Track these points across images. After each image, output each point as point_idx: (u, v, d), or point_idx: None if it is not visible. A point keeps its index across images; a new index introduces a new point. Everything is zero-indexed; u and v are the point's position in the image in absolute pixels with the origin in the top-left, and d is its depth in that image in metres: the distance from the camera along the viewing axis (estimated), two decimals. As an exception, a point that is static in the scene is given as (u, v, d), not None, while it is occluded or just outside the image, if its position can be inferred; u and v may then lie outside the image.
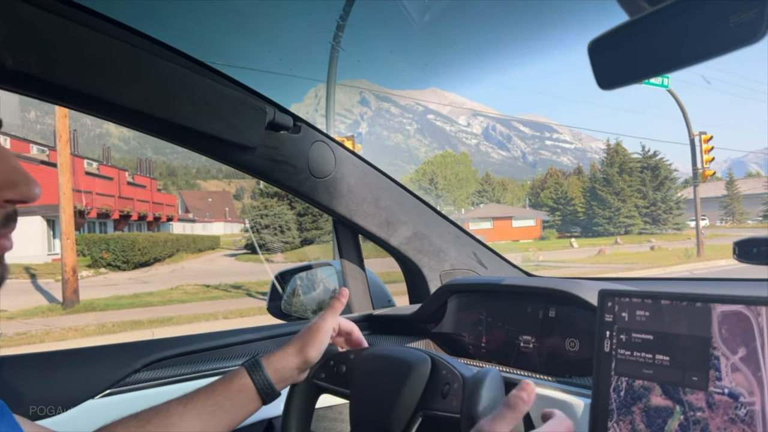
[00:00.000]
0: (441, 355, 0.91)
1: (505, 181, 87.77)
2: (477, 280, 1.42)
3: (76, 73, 1.02)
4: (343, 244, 1.60)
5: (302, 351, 0.98)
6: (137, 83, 1.08)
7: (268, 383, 0.94)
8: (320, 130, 1.41)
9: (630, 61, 0.70)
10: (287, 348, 0.98)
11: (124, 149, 74.32)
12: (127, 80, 1.08)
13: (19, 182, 0.57)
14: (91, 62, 1.03)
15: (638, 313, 0.82)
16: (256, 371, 0.94)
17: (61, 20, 0.99)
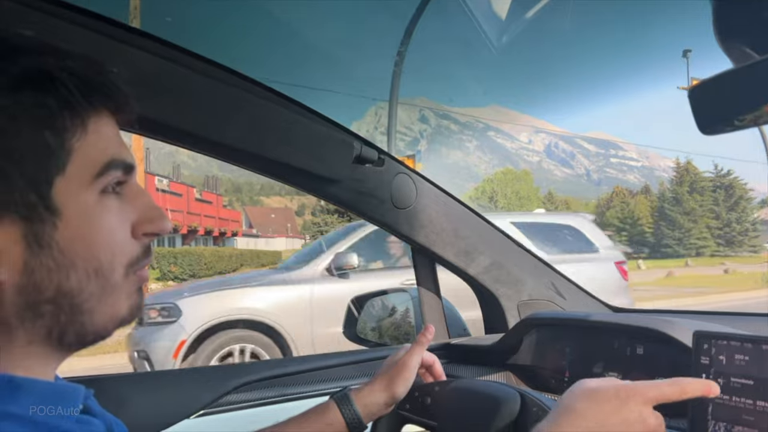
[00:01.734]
0: (531, 392, 0.92)
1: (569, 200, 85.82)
2: (561, 315, 1.41)
3: (178, 112, 1.10)
4: (420, 273, 1.63)
5: (389, 387, 1.01)
6: (234, 121, 1.16)
7: (357, 418, 0.98)
8: (402, 163, 1.45)
9: (733, 109, 0.70)
10: (374, 384, 1.02)
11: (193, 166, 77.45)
12: (226, 118, 1.15)
13: (156, 217, 0.62)
14: (193, 102, 1.11)
15: (737, 357, 0.80)
16: (346, 405, 0.99)
17: (166, 63, 1.08)
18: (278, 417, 1.26)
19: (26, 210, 0.53)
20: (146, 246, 0.63)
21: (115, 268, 0.58)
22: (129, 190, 0.62)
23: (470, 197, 74.60)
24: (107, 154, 0.58)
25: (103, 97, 0.58)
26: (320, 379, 1.36)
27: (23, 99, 0.53)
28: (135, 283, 0.62)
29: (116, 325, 0.61)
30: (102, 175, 0.57)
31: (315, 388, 1.34)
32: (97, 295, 0.57)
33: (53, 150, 0.54)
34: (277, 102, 1.23)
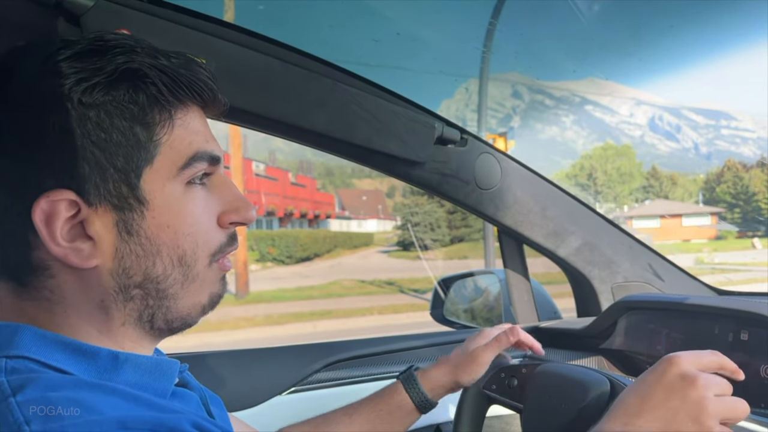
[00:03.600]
0: (620, 378, 0.88)
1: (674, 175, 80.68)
2: (657, 298, 1.34)
3: (267, 102, 1.14)
4: (507, 254, 1.60)
5: (455, 373, 1.03)
6: (321, 108, 1.18)
7: (424, 397, 1.01)
8: (486, 142, 1.42)
9: None
10: (441, 366, 1.04)
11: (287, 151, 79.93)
12: (313, 106, 1.18)
13: (241, 207, 0.65)
14: (281, 92, 1.14)
15: None
16: (411, 386, 1.01)
17: (256, 55, 1.11)
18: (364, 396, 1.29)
19: (118, 199, 0.57)
20: (231, 234, 0.66)
21: (199, 257, 0.62)
22: (216, 180, 0.65)
23: (567, 174, 71.98)
24: (193, 147, 0.60)
25: (191, 93, 0.61)
26: (406, 359, 1.38)
27: (118, 96, 0.56)
28: (217, 273, 0.65)
29: (199, 312, 0.64)
30: (187, 167, 0.60)
31: (400, 368, 1.35)
32: (180, 281, 0.61)
33: (143, 144, 0.57)
34: (360, 87, 1.24)
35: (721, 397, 0.68)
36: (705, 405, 0.66)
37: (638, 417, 0.67)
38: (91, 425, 0.47)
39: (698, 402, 0.66)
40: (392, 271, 20.57)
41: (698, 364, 0.70)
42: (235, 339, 9.97)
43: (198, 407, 0.67)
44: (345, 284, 18.04)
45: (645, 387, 0.70)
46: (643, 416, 0.67)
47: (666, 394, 0.68)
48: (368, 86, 1.25)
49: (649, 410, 0.67)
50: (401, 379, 1.03)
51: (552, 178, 1.52)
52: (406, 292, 15.84)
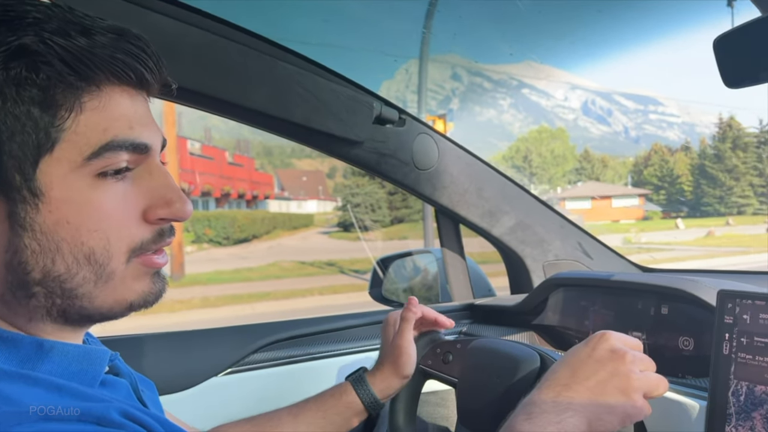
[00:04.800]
0: (550, 353, 0.92)
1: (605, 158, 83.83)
2: (585, 275, 1.40)
3: (202, 79, 1.11)
4: (444, 234, 1.63)
5: (397, 371, 1.02)
6: (259, 86, 1.16)
7: (374, 398, 1.00)
8: (424, 122, 1.44)
9: (759, 60, 0.67)
10: (383, 370, 1.03)
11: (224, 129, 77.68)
12: (250, 83, 1.15)
13: (173, 201, 0.59)
14: (217, 68, 1.11)
15: (762, 317, 0.78)
16: (362, 387, 1.00)
17: (189, 28, 1.08)
18: (303, 375, 1.30)
19: (9, 190, 0.51)
20: (160, 231, 0.60)
21: (113, 254, 0.56)
22: (144, 170, 0.58)
23: (504, 156, 73.54)
24: (108, 134, 0.54)
25: (108, 73, 0.54)
26: (345, 338, 1.39)
27: (13, 74, 0.50)
28: (143, 269, 0.59)
29: (125, 309, 0.59)
30: (97, 157, 0.53)
31: (340, 347, 1.37)
32: (93, 280, 0.55)
33: (41, 129, 0.51)
34: (299, 65, 1.23)
35: (645, 372, 0.72)
36: (631, 378, 0.69)
37: (569, 388, 0.70)
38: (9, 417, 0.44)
39: (626, 375, 0.69)
40: (333, 252, 20.55)
41: (626, 343, 0.74)
42: (169, 322, 9.73)
43: (128, 394, 0.65)
44: (284, 266, 17.89)
45: (576, 360, 0.73)
46: (574, 387, 0.70)
47: (596, 367, 0.71)
48: (307, 64, 1.24)
49: (580, 381, 0.70)
50: (351, 381, 1.02)
51: (489, 160, 1.55)
52: (346, 272, 15.87)
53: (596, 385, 0.69)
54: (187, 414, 0.90)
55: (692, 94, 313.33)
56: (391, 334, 1.06)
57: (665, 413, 0.94)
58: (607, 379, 0.70)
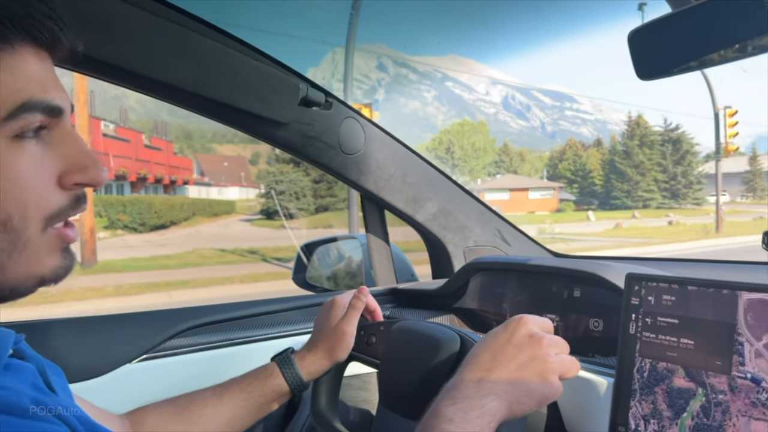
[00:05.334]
0: (470, 334, 0.94)
1: (523, 152, 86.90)
2: (503, 259, 1.44)
3: (118, 50, 1.05)
4: (369, 219, 1.63)
5: (331, 354, 1.02)
6: (178, 60, 1.11)
7: (300, 380, 0.99)
8: (351, 107, 1.43)
9: (671, 54, 0.71)
10: (316, 351, 1.02)
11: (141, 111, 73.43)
12: (168, 57, 1.10)
13: (88, 166, 0.58)
14: (134, 39, 1.06)
15: (664, 298, 0.84)
16: (288, 369, 0.99)
17: None
18: (223, 361, 1.27)
19: None
20: (76, 197, 0.58)
21: (30, 221, 0.54)
22: (57, 134, 0.57)
23: (427, 148, 74.69)
24: (23, 95, 0.52)
25: (21, 32, 0.53)
26: (266, 323, 1.37)
27: None
28: (55, 242, 0.58)
29: (35, 283, 0.57)
30: (14, 118, 0.52)
31: (261, 332, 1.34)
32: (7, 250, 0.53)
33: None
34: (222, 41, 1.18)
35: (560, 355, 0.76)
36: (548, 362, 0.73)
37: (490, 372, 0.73)
38: None
39: (543, 359, 0.73)
40: (255, 240, 20.18)
41: (542, 326, 0.78)
42: (80, 310, 9.27)
43: (34, 378, 0.61)
44: (204, 253, 17.40)
45: (496, 344, 0.76)
46: (495, 372, 0.72)
47: (515, 352, 0.74)
48: (231, 41, 1.20)
49: (501, 366, 0.73)
50: (277, 362, 1.01)
51: (413, 151, 1.57)
52: (269, 260, 15.64)
53: (516, 369, 0.72)
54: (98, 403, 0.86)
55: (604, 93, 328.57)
56: (334, 317, 1.05)
57: (576, 391, 0.99)
58: (526, 363, 0.73)
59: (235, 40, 1.20)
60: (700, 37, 0.68)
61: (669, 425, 0.79)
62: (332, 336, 1.02)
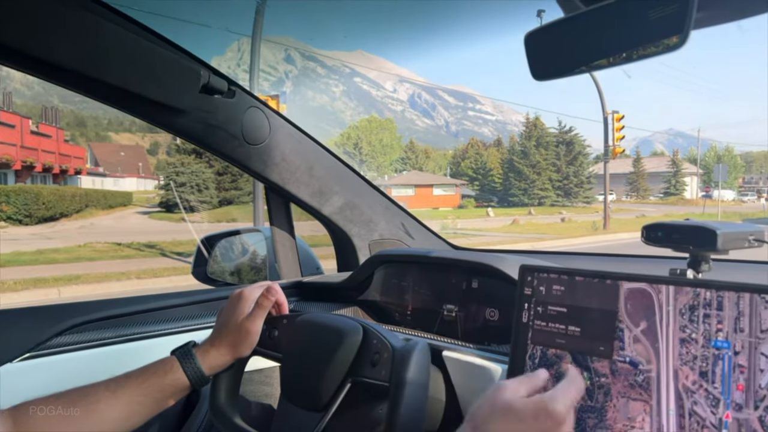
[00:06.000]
0: (373, 325, 0.95)
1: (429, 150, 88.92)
2: (406, 252, 1.47)
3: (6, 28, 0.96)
4: (273, 212, 1.61)
5: (235, 350, 1.00)
6: (68, 40, 1.03)
7: (200, 374, 0.96)
8: (256, 96, 1.40)
9: (562, 56, 0.75)
10: (219, 347, 0.99)
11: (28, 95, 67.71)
12: (58, 36, 1.03)
13: None
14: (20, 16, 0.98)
15: (555, 288, 0.89)
16: (189, 363, 0.96)
17: None
18: (118, 358, 1.20)
19: None
20: None
21: None
22: None
23: (336, 143, 74.52)
24: None
25: None
26: (163, 318, 1.31)
27: None
28: None
29: None
30: None
31: (159, 328, 1.29)
32: None
33: None
34: (118, 23, 1.12)
35: None
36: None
37: None
38: None
39: None
40: (153, 234, 19.27)
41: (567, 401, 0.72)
42: (-47, 310, 8.46)
43: None
44: (97, 247, 16.40)
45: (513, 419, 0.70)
46: None
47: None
48: (129, 23, 1.13)
49: None
50: (177, 356, 0.96)
51: (322, 146, 1.55)
52: (168, 255, 14.98)
53: None
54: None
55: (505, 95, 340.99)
56: (240, 313, 1.01)
57: (473, 378, 1.03)
58: None
59: (132, 22, 1.14)
60: (591, 41, 0.72)
61: (557, 408, 0.84)
62: (237, 332, 1.00)
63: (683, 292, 0.77)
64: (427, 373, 0.89)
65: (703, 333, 0.75)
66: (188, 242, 14.32)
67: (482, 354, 1.04)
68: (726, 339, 0.73)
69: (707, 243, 0.87)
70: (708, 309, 0.75)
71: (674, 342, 0.76)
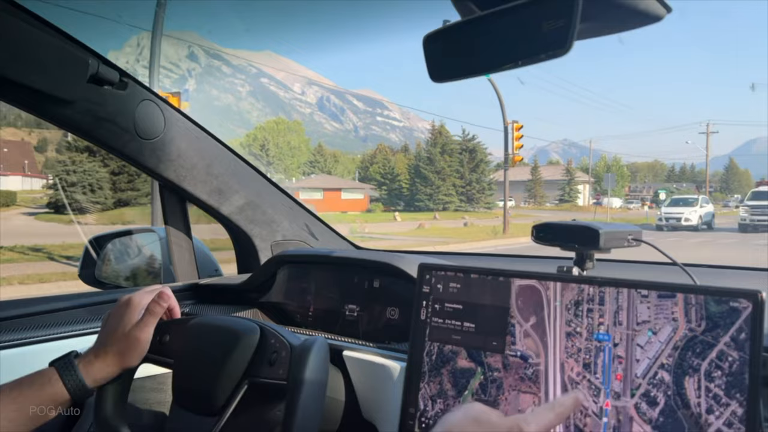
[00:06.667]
0: (270, 324, 0.94)
1: (337, 153, 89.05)
2: (308, 252, 1.45)
3: None
4: (169, 211, 1.53)
5: (122, 360, 0.94)
6: None
7: (82, 386, 0.89)
8: (150, 89, 1.33)
9: (459, 58, 0.77)
10: (105, 357, 0.93)
11: None
12: None
13: None
14: None
15: (451, 285, 0.91)
16: (70, 375, 0.89)
17: None
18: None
19: None
20: None
21: None
22: None
23: (241, 144, 72.86)
24: None
25: None
26: (45, 323, 1.22)
27: None
28: None
29: None
30: None
31: (38, 334, 1.19)
32: None
33: None
34: None
35: None
36: None
37: None
38: None
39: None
40: (40, 236, 17.94)
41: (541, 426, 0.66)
42: None
43: None
44: (-26, 251, 15.05)
45: None
46: None
47: None
48: (7, 5, 1.04)
49: None
50: (57, 367, 0.89)
51: (227, 146, 1.49)
52: (56, 259, 14.00)
53: None
54: None
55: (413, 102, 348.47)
56: (128, 321, 0.95)
57: (372, 377, 1.03)
58: None
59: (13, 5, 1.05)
60: (484, 45, 0.74)
61: (453, 403, 0.86)
62: (124, 341, 0.93)
63: (569, 288, 0.81)
64: (326, 369, 0.88)
65: (586, 327, 0.79)
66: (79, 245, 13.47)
67: (382, 352, 1.05)
68: (607, 332, 0.78)
69: (591, 242, 0.93)
70: (591, 304, 0.79)
71: (561, 336, 0.80)
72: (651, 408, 0.72)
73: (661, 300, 0.74)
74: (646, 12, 0.70)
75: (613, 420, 0.75)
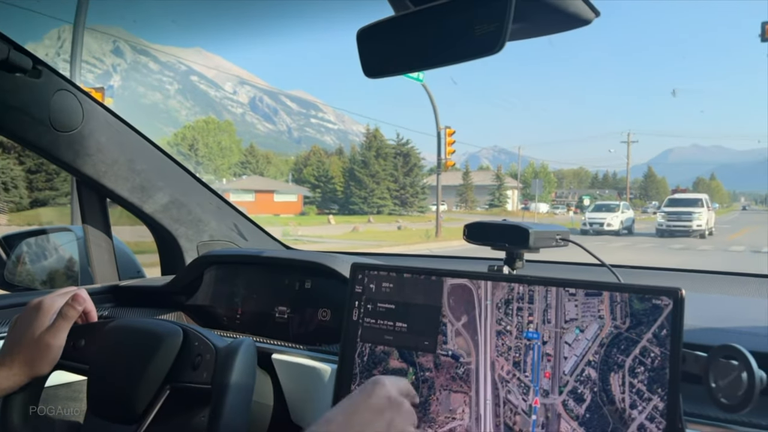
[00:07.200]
0: (194, 327, 0.89)
1: (270, 155, 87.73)
2: (235, 252, 1.41)
3: None
4: (87, 209, 1.45)
5: (31, 368, 0.88)
6: None
7: None
8: (67, 78, 1.25)
9: (393, 54, 0.76)
10: (11, 365, 0.86)
11: None
12: None
13: None
14: None
15: (384, 285, 0.90)
16: None
17: None
18: None
19: None
20: None
21: None
22: None
23: (169, 143, 70.52)
24: None
25: None
26: None
27: None
28: None
29: None
30: None
31: None
32: None
33: None
34: None
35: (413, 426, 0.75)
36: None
37: None
38: None
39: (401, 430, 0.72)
40: (-55, 238, 16.69)
41: (400, 390, 0.75)
42: None
43: None
44: None
45: (352, 407, 0.71)
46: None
47: (372, 416, 0.70)
48: None
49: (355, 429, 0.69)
50: None
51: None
52: (-36, 262, 13.06)
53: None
54: None
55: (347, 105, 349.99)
56: (39, 326, 0.88)
57: (301, 379, 1.00)
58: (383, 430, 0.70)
59: None
60: (419, 41, 0.74)
61: (384, 404, 0.85)
62: (34, 348, 0.87)
63: (500, 287, 0.82)
64: (253, 373, 0.85)
65: (516, 325, 0.80)
66: (-10, 247, 12.60)
67: (312, 355, 1.03)
68: (536, 330, 0.78)
69: (520, 241, 0.94)
70: (521, 302, 0.80)
71: (491, 334, 0.81)
72: (578, 405, 0.73)
73: (588, 298, 0.76)
74: (576, 15, 0.72)
75: (542, 417, 0.75)
